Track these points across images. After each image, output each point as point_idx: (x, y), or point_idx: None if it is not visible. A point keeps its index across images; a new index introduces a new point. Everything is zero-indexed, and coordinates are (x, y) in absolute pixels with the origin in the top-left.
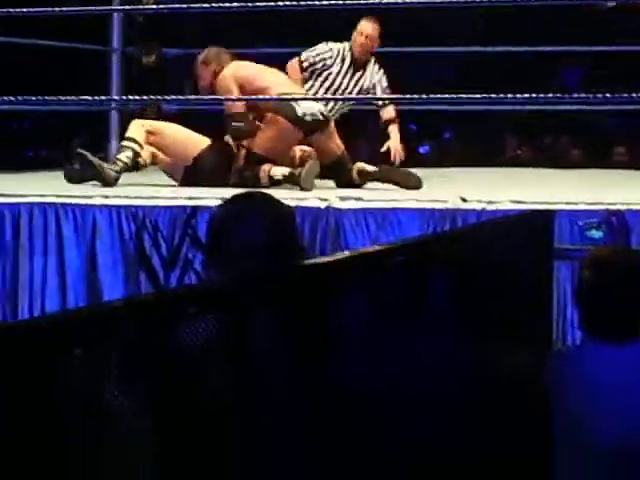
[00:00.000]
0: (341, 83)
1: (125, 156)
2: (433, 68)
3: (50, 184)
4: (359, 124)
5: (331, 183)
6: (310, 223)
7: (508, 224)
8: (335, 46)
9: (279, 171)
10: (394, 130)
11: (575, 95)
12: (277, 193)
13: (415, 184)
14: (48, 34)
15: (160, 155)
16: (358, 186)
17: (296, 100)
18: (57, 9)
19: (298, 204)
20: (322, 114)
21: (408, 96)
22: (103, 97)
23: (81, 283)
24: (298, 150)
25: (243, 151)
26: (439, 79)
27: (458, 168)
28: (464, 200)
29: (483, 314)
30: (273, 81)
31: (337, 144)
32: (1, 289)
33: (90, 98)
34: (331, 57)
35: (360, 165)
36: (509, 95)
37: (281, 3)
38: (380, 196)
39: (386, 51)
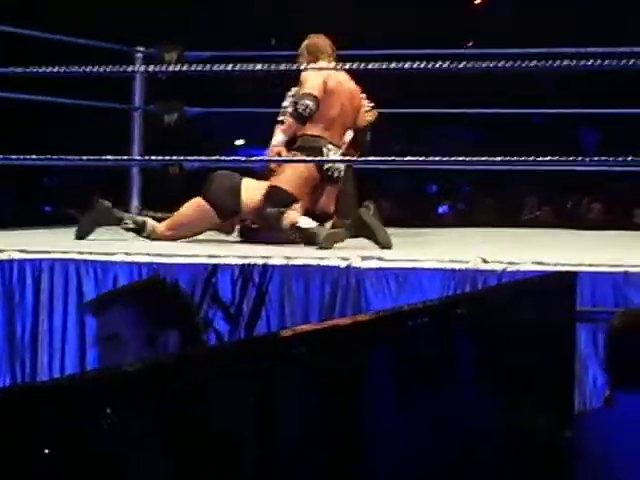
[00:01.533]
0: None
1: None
2: (453, 129)
3: (70, 240)
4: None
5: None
6: (331, 282)
7: (531, 285)
8: None
9: (305, 221)
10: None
11: (596, 158)
12: (298, 252)
13: (386, 242)
14: (70, 92)
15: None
16: None
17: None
18: (81, 68)
19: (319, 263)
20: (339, 171)
21: (430, 158)
22: (125, 157)
23: None
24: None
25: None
26: (459, 140)
27: (477, 228)
28: (485, 261)
29: (505, 376)
30: (335, 120)
31: (332, 202)
32: (21, 345)
33: (112, 157)
34: None
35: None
36: (530, 158)
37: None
38: (401, 256)
39: (408, 112)
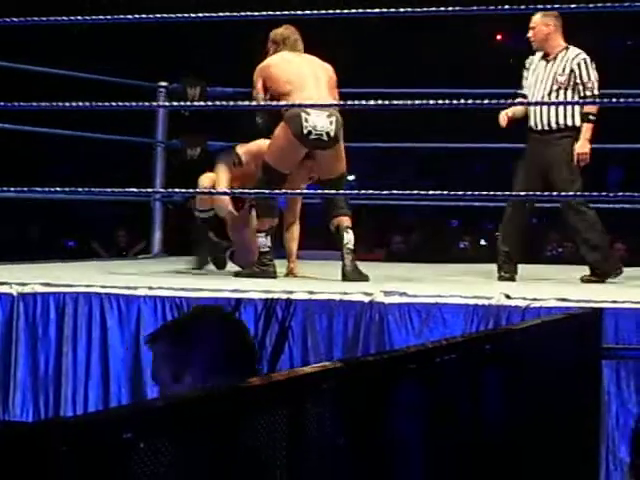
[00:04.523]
0: (537, 77)
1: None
2: (470, 163)
3: (94, 274)
4: None
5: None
6: (354, 318)
7: (558, 322)
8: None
9: (263, 243)
10: (585, 130)
11: (620, 193)
12: (322, 286)
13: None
14: (92, 126)
15: None
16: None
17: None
18: (105, 103)
19: (342, 298)
20: (328, 134)
21: (452, 193)
22: (149, 189)
23: (124, 373)
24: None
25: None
26: (473, 175)
27: None
28: (508, 297)
29: (531, 412)
30: (297, 84)
31: (341, 165)
32: (45, 378)
33: (135, 190)
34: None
35: (340, 221)
36: (553, 193)
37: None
38: (424, 291)
39: (435, 147)
